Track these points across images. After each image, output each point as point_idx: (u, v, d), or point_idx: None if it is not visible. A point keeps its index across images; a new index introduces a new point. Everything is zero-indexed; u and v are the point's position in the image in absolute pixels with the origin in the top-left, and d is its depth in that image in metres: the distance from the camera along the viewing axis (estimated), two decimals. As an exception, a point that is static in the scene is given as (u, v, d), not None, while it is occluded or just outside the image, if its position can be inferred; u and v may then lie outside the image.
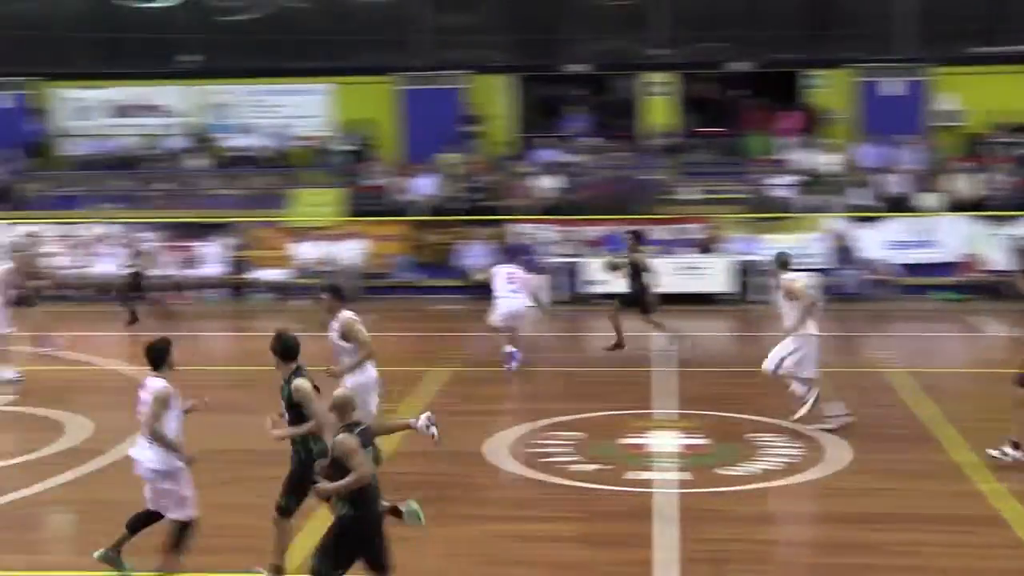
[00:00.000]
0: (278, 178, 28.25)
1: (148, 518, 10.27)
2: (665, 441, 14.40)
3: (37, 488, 13.05)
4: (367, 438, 8.86)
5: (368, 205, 27.20)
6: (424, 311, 21.38)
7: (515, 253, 25.09)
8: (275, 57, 29.54)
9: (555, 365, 19.83)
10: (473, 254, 25.40)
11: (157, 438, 9.89)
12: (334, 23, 30.03)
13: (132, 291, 23.07)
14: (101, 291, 25.59)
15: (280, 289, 26.16)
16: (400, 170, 28.00)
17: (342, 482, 8.65)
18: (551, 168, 27.28)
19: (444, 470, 13.52)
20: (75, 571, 10.74)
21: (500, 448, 14.18)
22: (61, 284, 25.74)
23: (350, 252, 25.81)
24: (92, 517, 12.28)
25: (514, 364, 18.28)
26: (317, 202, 27.08)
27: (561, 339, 22.79)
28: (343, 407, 8.88)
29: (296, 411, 10.05)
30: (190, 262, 26.60)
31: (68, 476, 13.45)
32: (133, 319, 22.69)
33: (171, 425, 10.02)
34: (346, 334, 12.77)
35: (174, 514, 10.10)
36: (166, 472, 10.03)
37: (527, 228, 26.02)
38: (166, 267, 26.18)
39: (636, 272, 19.14)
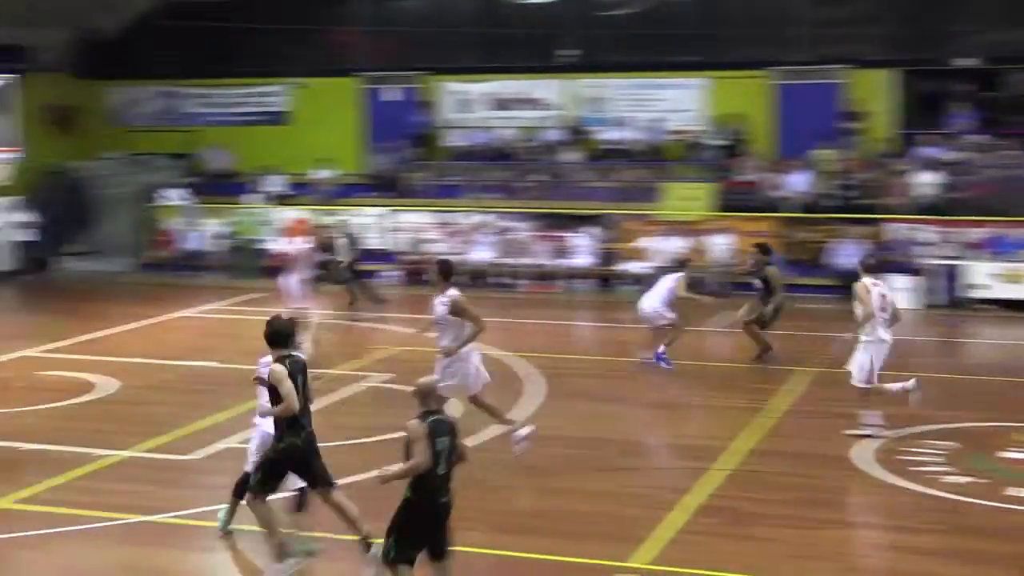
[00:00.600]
0: (650, 172, 28.35)
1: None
2: (1050, 457, 13.50)
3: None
4: (443, 428, 8.93)
5: (739, 200, 26.88)
6: (793, 309, 20.93)
7: (889, 252, 24.25)
8: (651, 52, 29.61)
9: (930, 371, 18.96)
10: (846, 253, 24.60)
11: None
12: (711, 18, 29.82)
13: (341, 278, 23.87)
14: (474, 278, 26.50)
15: (647, 282, 26.25)
16: (773, 166, 27.52)
17: (398, 467, 8.84)
18: (932, 166, 26.06)
19: (808, 472, 13.21)
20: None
21: (867, 453, 13.68)
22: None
23: (718, 247, 25.61)
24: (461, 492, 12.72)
25: (664, 364, 17.99)
26: (688, 196, 27.00)
27: (938, 344, 21.80)
28: (425, 394, 9.08)
29: (273, 393, 10.10)
30: (561, 252, 27.10)
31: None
32: (352, 300, 23.84)
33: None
34: (457, 311, 13.24)
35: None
36: None
37: (904, 228, 25.00)
38: (537, 256, 26.86)
39: (767, 286, 18.73)
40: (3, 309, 26.82)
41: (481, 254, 26.97)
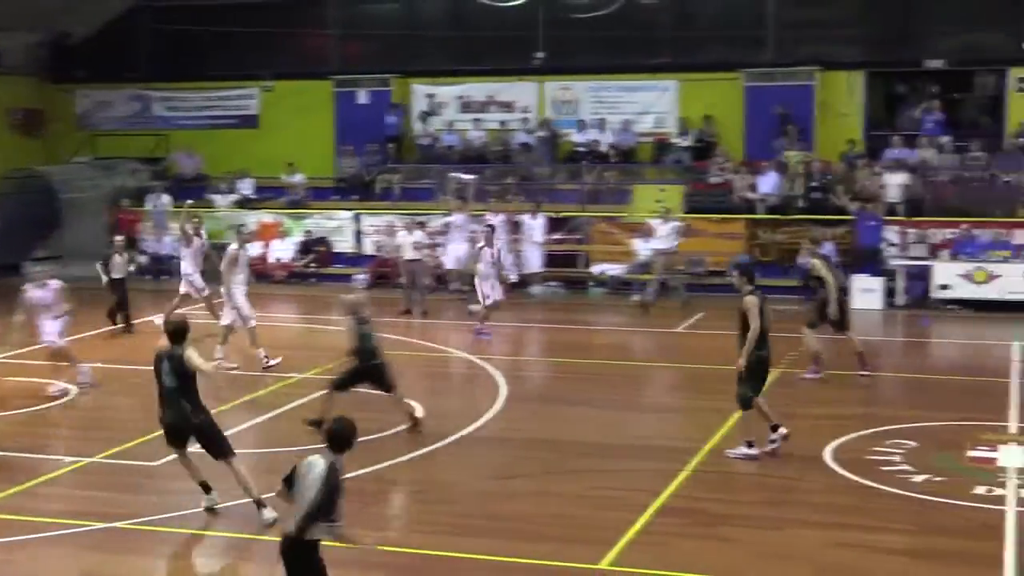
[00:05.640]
0: (621, 173, 28.33)
1: None
2: (1017, 457, 13.49)
3: (374, 467, 13.56)
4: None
5: (711, 202, 26.87)
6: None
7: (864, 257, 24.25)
8: (622, 54, 29.66)
9: (897, 371, 19.02)
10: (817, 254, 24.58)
11: None
12: (681, 19, 29.87)
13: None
14: (440, 281, 26.42)
15: (619, 284, 26.24)
16: (745, 167, 27.49)
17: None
18: (902, 167, 26.08)
19: (776, 472, 13.19)
20: (398, 547, 11.04)
21: (839, 454, 13.66)
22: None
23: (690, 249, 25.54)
24: (421, 496, 12.66)
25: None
26: (658, 198, 26.95)
27: (904, 344, 21.86)
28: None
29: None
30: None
31: (403, 457, 13.90)
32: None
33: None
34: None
35: None
36: None
37: (872, 228, 24.96)
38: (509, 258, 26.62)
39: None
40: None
41: (452, 256, 26.76)
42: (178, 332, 11.57)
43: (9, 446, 14.38)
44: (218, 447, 11.69)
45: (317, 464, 8.22)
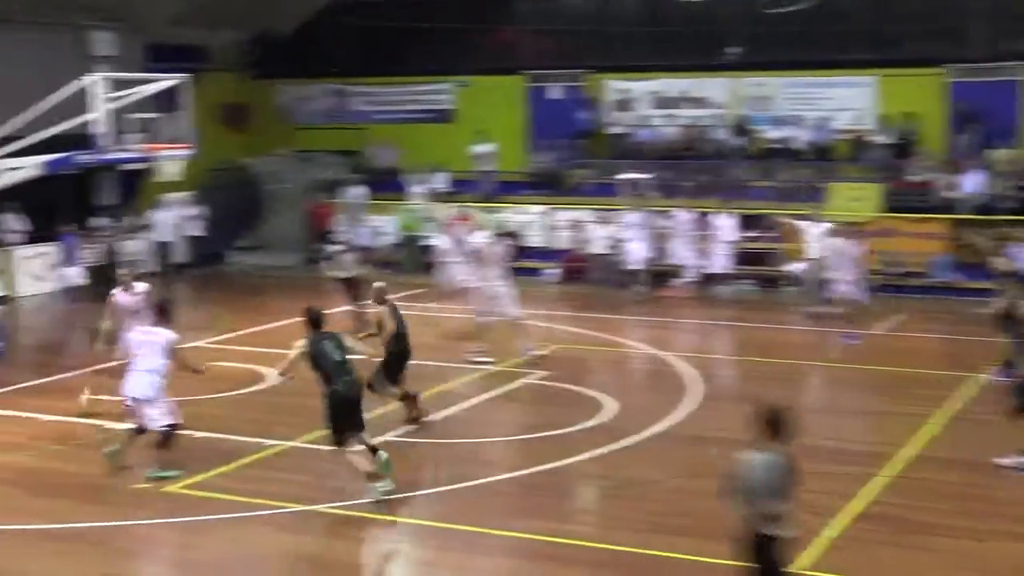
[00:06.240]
0: (816, 171, 27.83)
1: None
2: None
3: (568, 461, 13.66)
4: None
5: (910, 201, 26.20)
6: (964, 314, 20.45)
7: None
8: (819, 49, 29.10)
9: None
10: (1021, 256, 23.77)
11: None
12: (881, 13, 29.15)
13: None
14: (627, 277, 26.33)
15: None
16: (947, 166, 26.71)
17: None
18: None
19: (977, 481, 12.83)
20: (597, 543, 11.11)
21: (1038, 464, 13.20)
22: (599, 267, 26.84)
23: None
24: (617, 492, 12.71)
25: None
26: (855, 196, 26.41)
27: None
28: None
29: None
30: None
31: (596, 452, 13.96)
32: None
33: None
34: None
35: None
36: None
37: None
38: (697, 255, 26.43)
39: None
40: (176, 301, 27.54)
41: (640, 252, 26.65)
42: (320, 318, 12.70)
43: (214, 428, 14.95)
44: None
45: (775, 460, 8.50)
